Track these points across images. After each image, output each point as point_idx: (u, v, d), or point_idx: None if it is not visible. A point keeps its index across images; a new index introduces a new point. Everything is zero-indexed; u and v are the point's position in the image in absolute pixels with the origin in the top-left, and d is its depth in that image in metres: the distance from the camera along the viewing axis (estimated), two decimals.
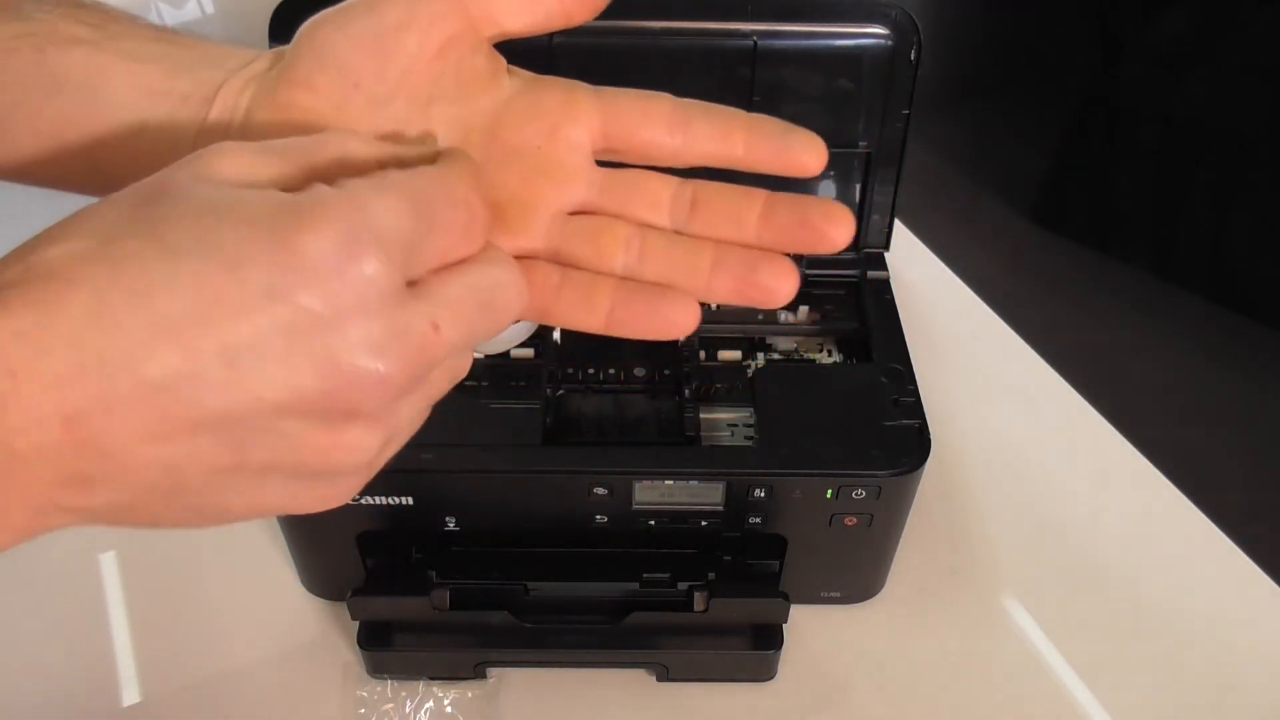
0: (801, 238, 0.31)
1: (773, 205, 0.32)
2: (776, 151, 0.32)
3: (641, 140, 0.33)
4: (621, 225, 0.33)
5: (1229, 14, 1.17)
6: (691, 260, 0.32)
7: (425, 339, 0.26)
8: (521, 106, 0.34)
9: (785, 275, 0.31)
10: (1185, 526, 0.64)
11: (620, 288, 0.32)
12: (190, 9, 0.67)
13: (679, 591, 0.53)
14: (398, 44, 0.31)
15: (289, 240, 0.24)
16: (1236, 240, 1.24)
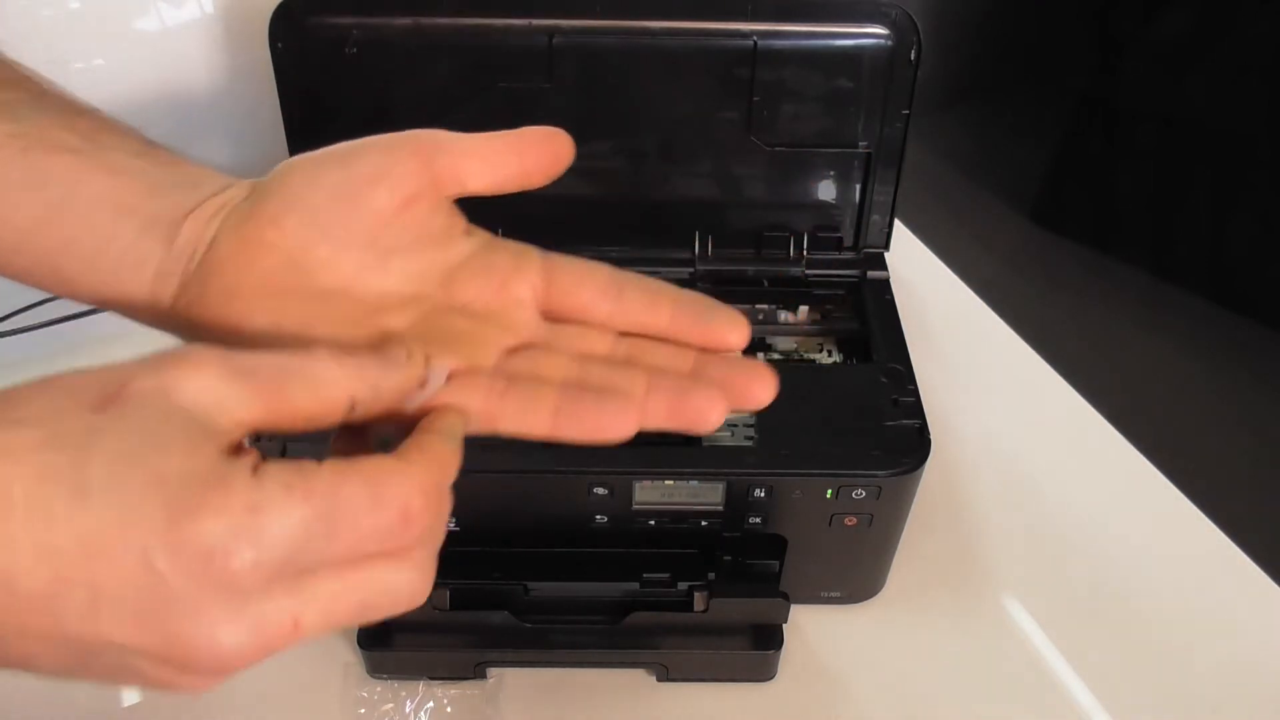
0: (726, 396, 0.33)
1: (701, 363, 0.34)
2: (699, 326, 0.34)
3: (579, 303, 0.35)
4: (562, 355, 0.35)
5: (1229, 14, 1.17)
6: (628, 382, 0.33)
7: (280, 632, 0.27)
8: (475, 265, 0.36)
9: (715, 401, 0.32)
10: (1185, 526, 0.64)
11: (564, 392, 0.33)
12: (190, 9, 0.67)
13: (679, 591, 0.53)
14: (366, 197, 0.33)
15: (177, 519, 0.25)
16: (1236, 240, 1.25)
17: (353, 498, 0.27)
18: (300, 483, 0.26)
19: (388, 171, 0.33)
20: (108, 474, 0.25)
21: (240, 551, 0.25)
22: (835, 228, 0.64)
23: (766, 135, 0.61)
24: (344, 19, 0.58)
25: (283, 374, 0.28)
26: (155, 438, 0.26)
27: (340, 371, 0.29)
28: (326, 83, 0.59)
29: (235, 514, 0.25)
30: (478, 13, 0.58)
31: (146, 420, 0.26)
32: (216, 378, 0.27)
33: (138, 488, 0.25)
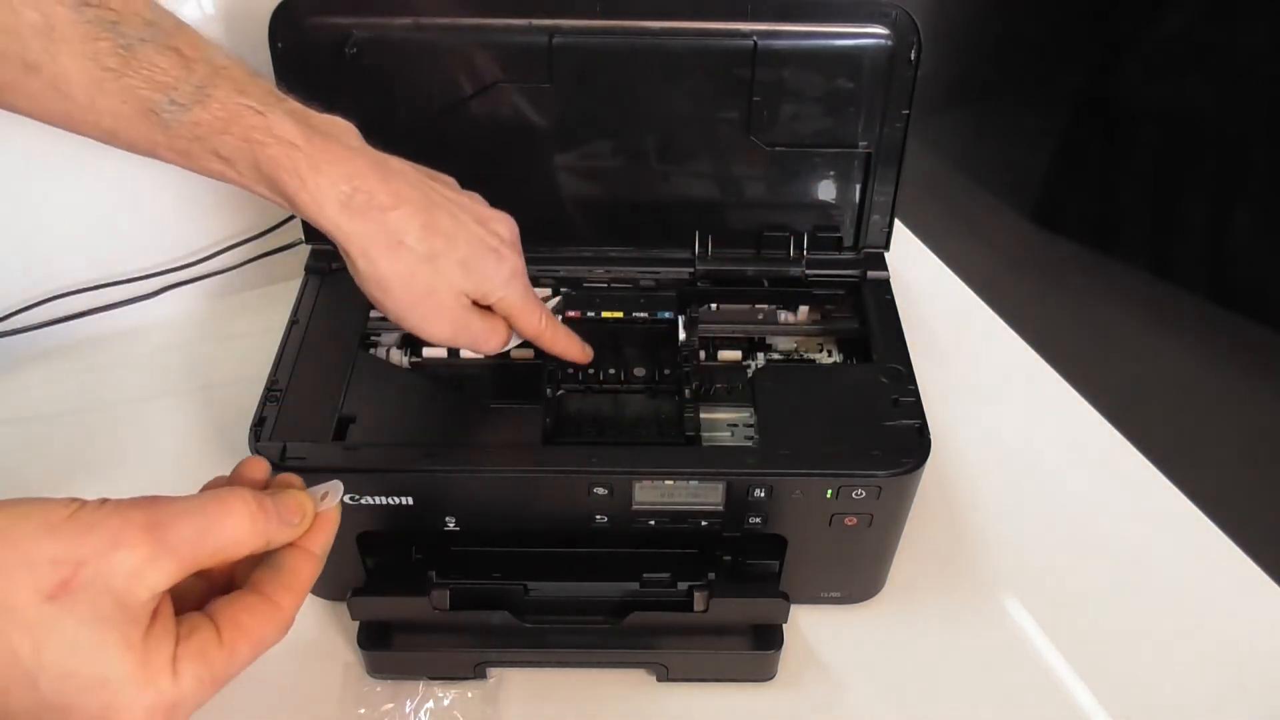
0: None
1: None
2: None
3: None
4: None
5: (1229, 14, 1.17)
6: None
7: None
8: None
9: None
10: (1185, 526, 0.64)
11: None
12: (190, 9, 0.67)
13: (679, 591, 0.53)
14: None
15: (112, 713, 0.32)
16: (1236, 240, 1.24)
17: (245, 663, 0.35)
18: (208, 674, 0.34)
19: None
20: (57, 672, 0.31)
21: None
22: (835, 228, 0.64)
23: (766, 135, 0.61)
24: (344, 19, 0.58)
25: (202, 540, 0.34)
26: (97, 637, 0.32)
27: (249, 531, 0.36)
28: (326, 83, 0.59)
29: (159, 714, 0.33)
30: (478, 13, 0.58)
31: (90, 619, 0.32)
32: (146, 558, 0.33)
33: (80, 689, 0.32)
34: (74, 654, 0.31)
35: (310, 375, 0.55)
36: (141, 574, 0.32)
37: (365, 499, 0.51)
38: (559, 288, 0.62)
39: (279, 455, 0.50)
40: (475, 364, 0.60)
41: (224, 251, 0.75)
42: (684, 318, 0.61)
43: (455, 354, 0.61)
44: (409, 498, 0.51)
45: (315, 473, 0.50)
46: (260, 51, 0.58)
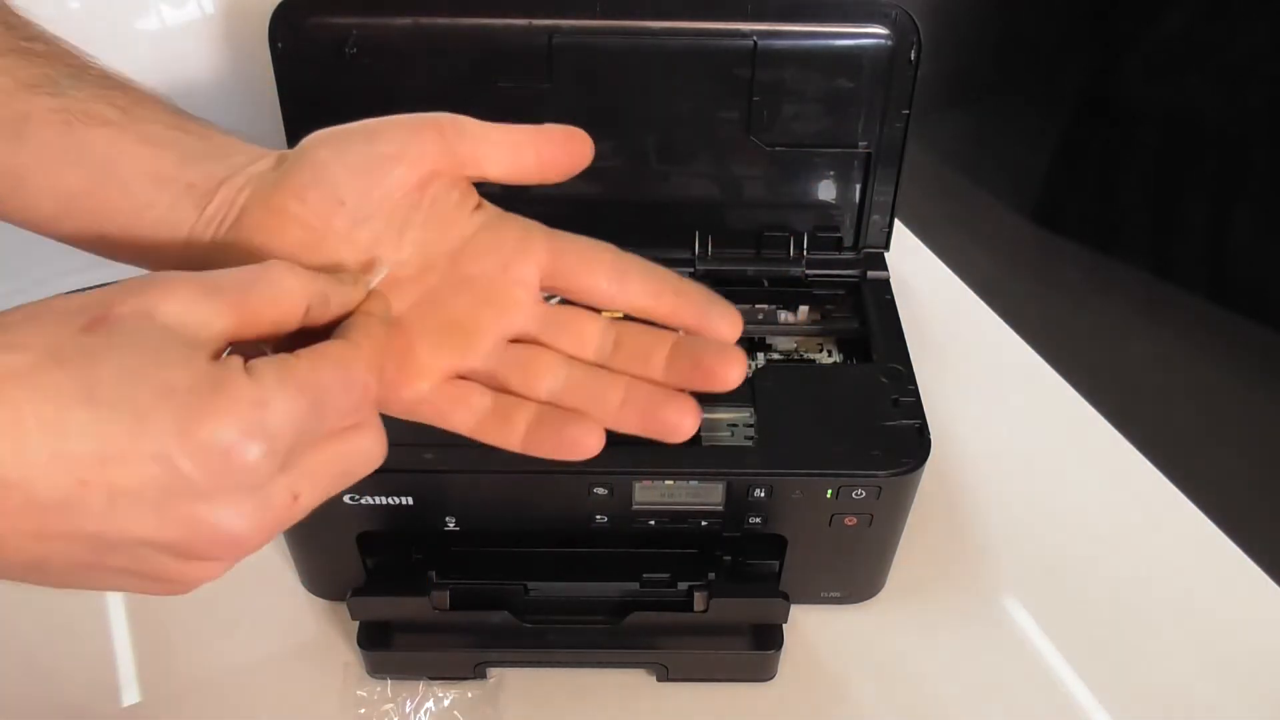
0: (696, 379, 0.36)
1: (677, 348, 0.36)
2: (697, 318, 0.37)
3: (583, 284, 0.37)
4: (551, 355, 0.37)
5: (1229, 14, 1.17)
6: (604, 394, 0.36)
7: (284, 509, 0.30)
8: (483, 240, 0.38)
9: (686, 413, 0.36)
10: (1185, 526, 0.64)
11: (536, 413, 0.36)
12: (190, 9, 0.67)
13: (679, 591, 0.53)
14: (386, 172, 0.35)
15: (190, 422, 0.27)
16: (1237, 240, 1.24)
17: (331, 383, 0.30)
18: (289, 375, 0.29)
19: (409, 150, 0.35)
20: (115, 387, 0.27)
21: (252, 445, 0.28)
22: (835, 228, 0.64)
23: (766, 135, 0.61)
24: (344, 19, 0.58)
25: (247, 287, 0.31)
26: (151, 353, 0.28)
27: (296, 282, 0.32)
28: (326, 83, 0.59)
29: (243, 412, 0.28)
30: (478, 13, 0.58)
31: (138, 338, 0.28)
32: (191, 298, 0.29)
33: (147, 398, 0.27)
34: (126, 378, 0.27)
35: None
36: (190, 308, 0.29)
37: (365, 499, 0.51)
38: None
39: None
40: None
41: None
42: None
43: None
44: (409, 498, 0.51)
45: None
46: (260, 51, 0.58)
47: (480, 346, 0.37)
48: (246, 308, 0.30)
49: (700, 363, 0.36)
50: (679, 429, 0.35)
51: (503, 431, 0.36)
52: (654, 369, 0.36)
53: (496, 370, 0.37)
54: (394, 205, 0.36)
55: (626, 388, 0.36)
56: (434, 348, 0.37)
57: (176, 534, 0.28)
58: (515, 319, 0.37)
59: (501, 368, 0.37)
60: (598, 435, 0.36)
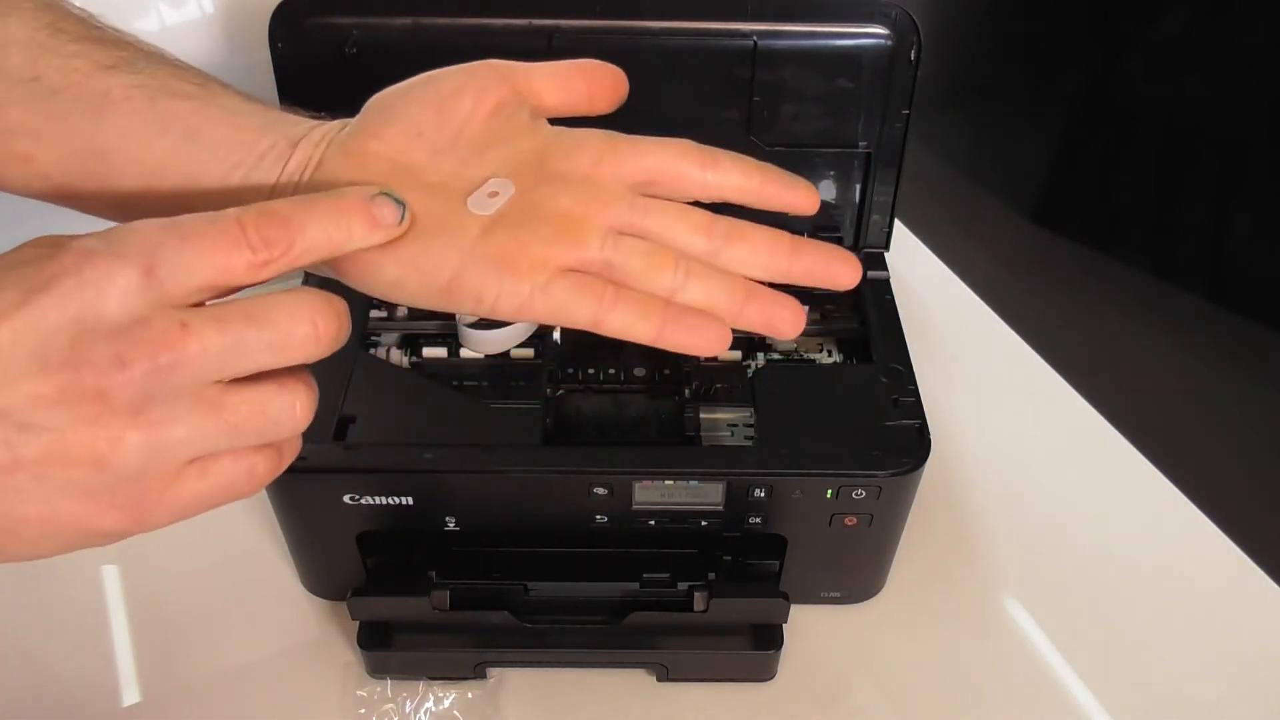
0: (822, 276, 0.37)
1: (798, 247, 0.37)
2: (784, 191, 0.39)
3: (677, 174, 0.38)
4: (667, 249, 0.37)
5: (1229, 14, 1.17)
6: (729, 291, 0.36)
7: (168, 332, 0.29)
8: (567, 142, 0.39)
9: (800, 315, 0.37)
10: (1185, 526, 0.64)
11: (669, 307, 0.36)
12: (190, 9, 0.67)
13: (679, 591, 0.53)
14: (455, 104, 0.38)
15: (44, 261, 0.29)
16: (1236, 240, 1.25)
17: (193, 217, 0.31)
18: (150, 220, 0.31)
19: (470, 85, 0.38)
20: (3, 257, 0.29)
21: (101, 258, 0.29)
22: (835, 228, 0.64)
23: (766, 135, 0.61)
24: (344, 19, 0.58)
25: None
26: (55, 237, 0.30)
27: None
28: (326, 83, 0.59)
29: (89, 239, 0.30)
30: (478, 13, 0.58)
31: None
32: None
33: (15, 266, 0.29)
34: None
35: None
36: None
37: (365, 499, 0.51)
38: None
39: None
40: (475, 364, 0.60)
41: None
42: None
43: (455, 354, 0.61)
44: (409, 498, 0.51)
45: (315, 473, 0.50)
46: (260, 51, 0.58)
47: (589, 237, 0.36)
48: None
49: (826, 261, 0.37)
50: (792, 326, 0.37)
51: (634, 323, 0.35)
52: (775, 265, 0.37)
53: (614, 261, 0.36)
54: (470, 133, 0.38)
55: (747, 286, 0.37)
56: (543, 241, 0.35)
57: (57, 362, 0.28)
58: (619, 209, 0.37)
59: (617, 259, 0.36)
60: (728, 336, 0.36)
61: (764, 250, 0.37)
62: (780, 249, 0.37)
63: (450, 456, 0.51)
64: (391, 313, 0.63)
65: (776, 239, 0.37)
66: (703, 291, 0.36)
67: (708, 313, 0.36)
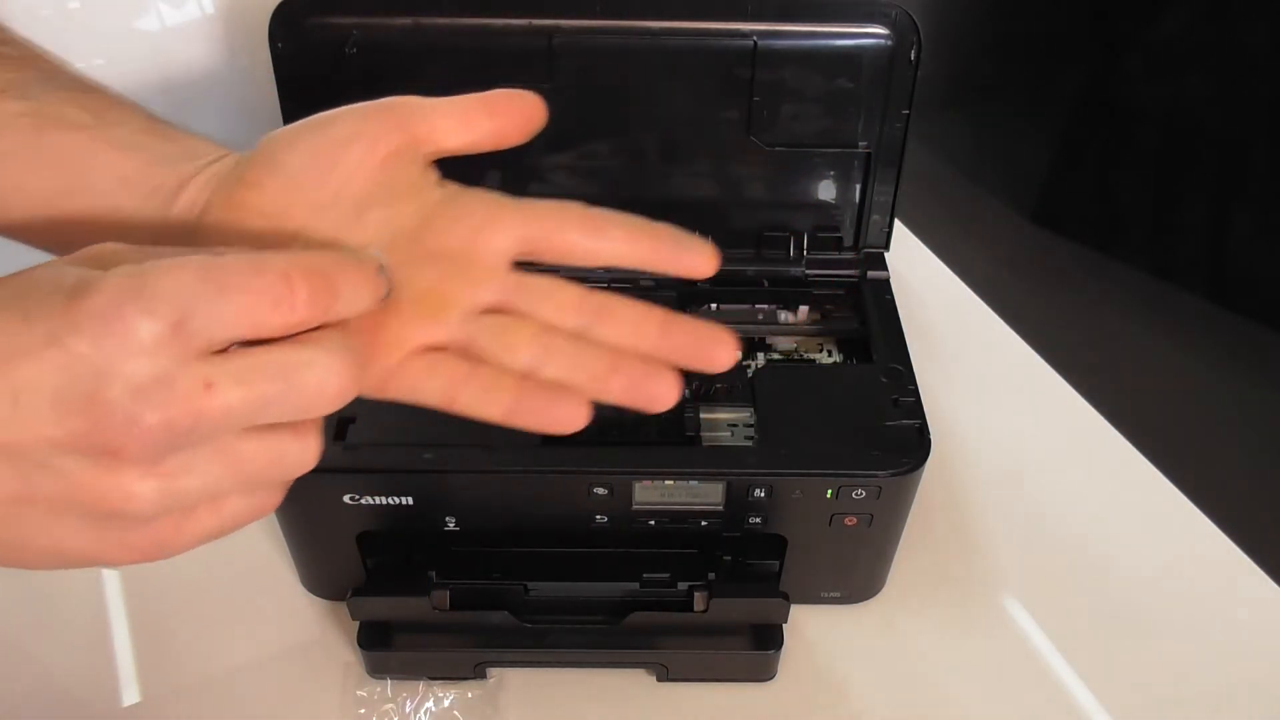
0: (693, 356, 0.35)
1: (669, 325, 0.36)
2: (675, 256, 0.37)
3: (560, 244, 0.37)
4: (529, 324, 0.36)
5: (1229, 14, 1.17)
6: (588, 363, 0.35)
7: (191, 393, 0.28)
8: (448, 214, 0.37)
9: (673, 386, 0.35)
10: (1185, 526, 0.64)
11: (520, 386, 0.35)
12: (190, 9, 0.67)
13: (679, 591, 0.53)
14: (343, 155, 0.35)
15: (73, 299, 0.27)
16: (1236, 240, 1.24)
17: (234, 263, 0.29)
18: (182, 258, 0.28)
19: (364, 132, 0.36)
20: (7, 294, 0.28)
21: (136, 306, 0.27)
22: (835, 228, 0.64)
23: (766, 135, 0.61)
24: (344, 19, 0.58)
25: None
26: (53, 269, 0.28)
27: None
28: (326, 83, 0.59)
29: (125, 279, 0.27)
30: (478, 13, 0.58)
31: (50, 269, 0.29)
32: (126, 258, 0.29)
33: (36, 294, 0.28)
34: (19, 289, 0.28)
35: None
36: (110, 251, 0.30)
37: (365, 499, 0.51)
38: None
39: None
40: None
41: None
42: None
43: None
44: (409, 498, 0.51)
45: (315, 473, 0.50)
46: (260, 51, 0.58)
47: (451, 316, 0.36)
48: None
49: (697, 341, 0.35)
50: (663, 400, 0.35)
51: (483, 402, 0.35)
52: (643, 342, 0.36)
53: (472, 340, 0.36)
54: (353, 190, 0.36)
55: (612, 358, 0.35)
56: (403, 321, 0.35)
57: (78, 417, 0.27)
58: (487, 288, 0.36)
59: (477, 337, 0.36)
60: (584, 411, 0.35)
61: (630, 328, 0.36)
62: (648, 327, 0.36)
63: (450, 456, 0.51)
64: None
65: (645, 316, 0.36)
66: (563, 368, 0.35)
67: (567, 389, 0.35)
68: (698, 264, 0.36)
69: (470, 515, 0.53)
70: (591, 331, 0.36)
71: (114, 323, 0.27)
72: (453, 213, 0.37)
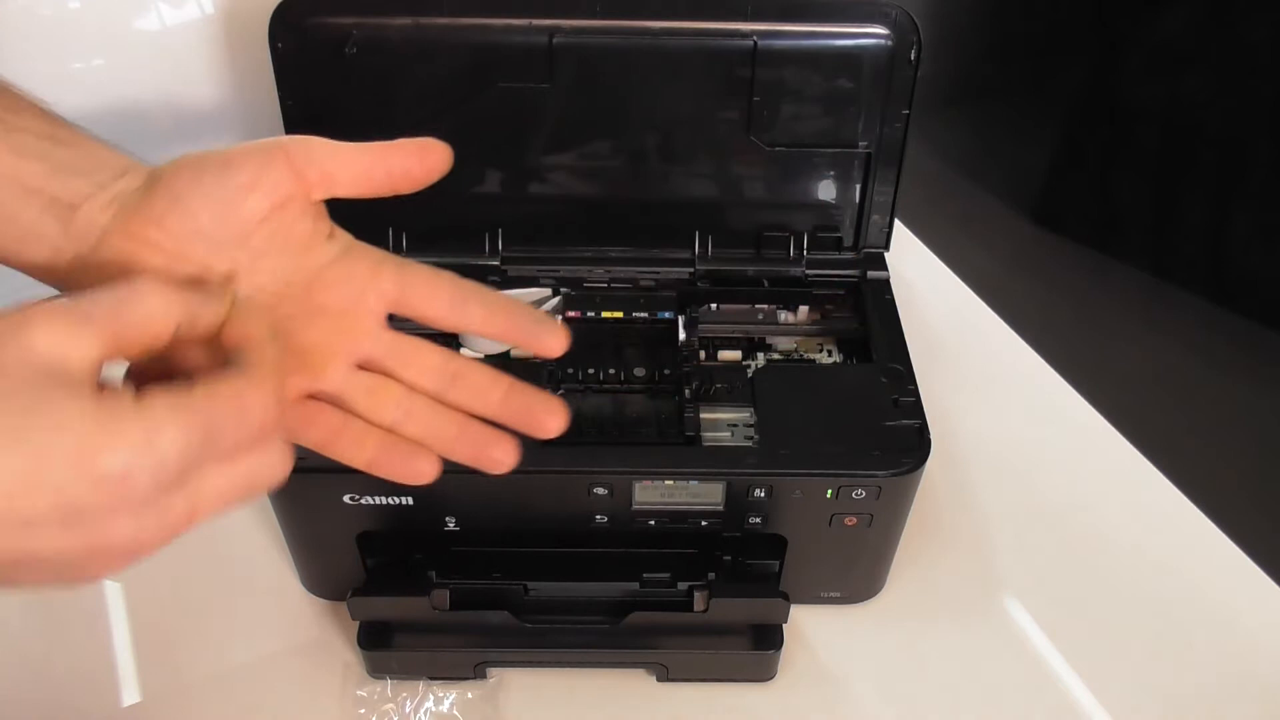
0: (524, 422, 0.40)
1: (512, 392, 0.40)
2: (528, 335, 0.41)
3: (426, 311, 0.40)
4: (395, 386, 0.40)
5: (1229, 14, 1.17)
6: (440, 429, 0.40)
7: (180, 522, 0.31)
8: (337, 271, 0.40)
9: (510, 452, 0.40)
10: (1185, 526, 0.64)
11: (383, 440, 0.39)
12: (190, 9, 0.67)
13: (679, 591, 0.53)
14: (241, 202, 0.37)
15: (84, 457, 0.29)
16: (1236, 240, 1.25)
17: (225, 414, 0.31)
18: (182, 405, 0.30)
19: (262, 179, 0.37)
20: (10, 431, 0.28)
21: (143, 471, 0.29)
22: (835, 228, 0.64)
23: (766, 135, 0.61)
24: (344, 19, 0.58)
25: (116, 312, 0.31)
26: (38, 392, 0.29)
27: (162, 303, 0.32)
28: (326, 83, 0.59)
29: (134, 443, 0.29)
30: (478, 13, 0.58)
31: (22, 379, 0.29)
32: (64, 330, 0.30)
33: (41, 437, 0.28)
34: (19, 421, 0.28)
35: None
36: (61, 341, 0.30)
37: (365, 499, 0.51)
38: (559, 288, 0.62)
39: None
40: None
41: None
42: (684, 318, 0.61)
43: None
44: (409, 498, 0.51)
45: (315, 473, 0.50)
46: (260, 51, 0.58)
47: (331, 372, 0.39)
48: (117, 332, 0.31)
49: (530, 409, 0.40)
50: (501, 463, 0.40)
51: (351, 451, 0.39)
52: (488, 407, 0.40)
53: (344, 393, 0.39)
54: (249, 234, 0.37)
55: (461, 424, 0.40)
56: (290, 371, 0.38)
57: (81, 548, 0.30)
58: (363, 346, 0.40)
59: (349, 391, 0.40)
60: (436, 466, 0.39)
61: (479, 393, 0.40)
62: (494, 392, 0.40)
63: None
64: None
65: (493, 382, 0.40)
66: (419, 427, 0.40)
67: (422, 445, 0.39)
68: (550, 346, 0.40)
69: (470, 515, 0.53)
70: (448, 394, 0.40)
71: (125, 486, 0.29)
72: (339, 272, 0.40)
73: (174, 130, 0.70)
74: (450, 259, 0.63)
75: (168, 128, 0.69)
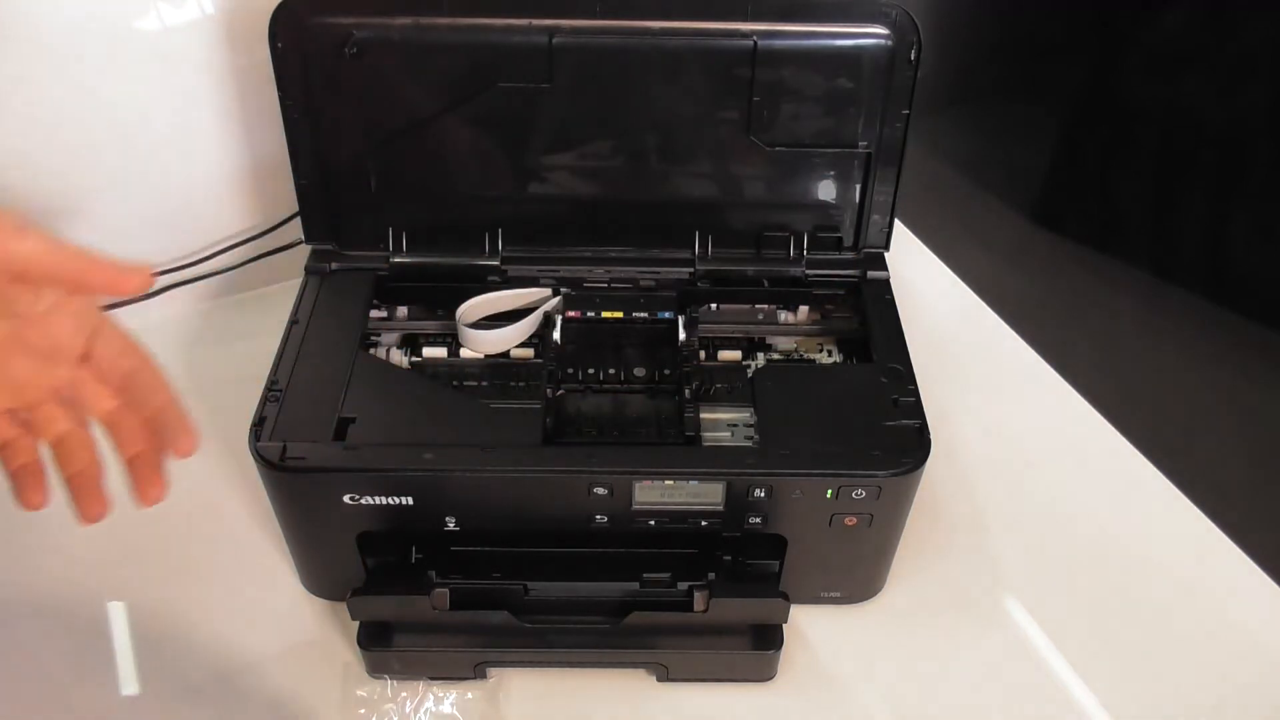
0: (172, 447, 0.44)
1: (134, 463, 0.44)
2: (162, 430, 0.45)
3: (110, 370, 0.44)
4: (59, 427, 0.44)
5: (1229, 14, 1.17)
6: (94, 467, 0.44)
7: None
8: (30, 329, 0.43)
9: (158, 494, 0.44)
10: (1185, 526, 0.64)
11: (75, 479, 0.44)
12: (190, 9, 0.67)
13: (679, 591, 0.53)
14: None
15: None
16: (1236, 240, 1.24)
17: None
18: None
19: None
20: None
21: None
22: (835, 228, 0.64)
23: (766, 135, 0.61)
24: (344, 19, 0.58)
25: None
26: None
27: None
28: (326, 83, 0.59)
29: None
30: (478, 13, 0.58)
31: None
32: None
33: None
34: None
35: (310, 375, 0.55)
36: None
37: (365, 499, 0.51)
38: (559, 288, 0.62)
39: (279, 455, 0.50)
40: (475, 364, 0.60)
41: (223, 252, 0.75)
42: (684, 318, 0.61)
43: (455, 354, 0.61)
44: (409, 498, 0.51)
45: (314, 473, 0.51)
46: (260, 51, 0.58)
47: (34, 397, 0.43)
48: None
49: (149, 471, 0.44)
50: (150, 497, 0.44)
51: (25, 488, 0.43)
52: (136, 445, 0.44)
53: (35, 422, 0.43)
54: None
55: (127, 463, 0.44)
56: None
57: None
58: (60, 378, 0.43)
59: (38, 421, 0.43)
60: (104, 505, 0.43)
61: (128, 434, 0.44)
62: (132, 443, 0.44)
63: (450, 456, 0.51)
64: (391, 313, 0.63)
65: (133, 436, 0.44)
66: (87, 461, 0.44)
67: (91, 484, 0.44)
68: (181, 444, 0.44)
69: (470, 515, 0.53)
70: (108, 436, 0.44)
71: None
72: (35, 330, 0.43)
73: (174, 131, 0.70)
74: (450, 259, 0.63)
75: (168, 128, 0.70)
